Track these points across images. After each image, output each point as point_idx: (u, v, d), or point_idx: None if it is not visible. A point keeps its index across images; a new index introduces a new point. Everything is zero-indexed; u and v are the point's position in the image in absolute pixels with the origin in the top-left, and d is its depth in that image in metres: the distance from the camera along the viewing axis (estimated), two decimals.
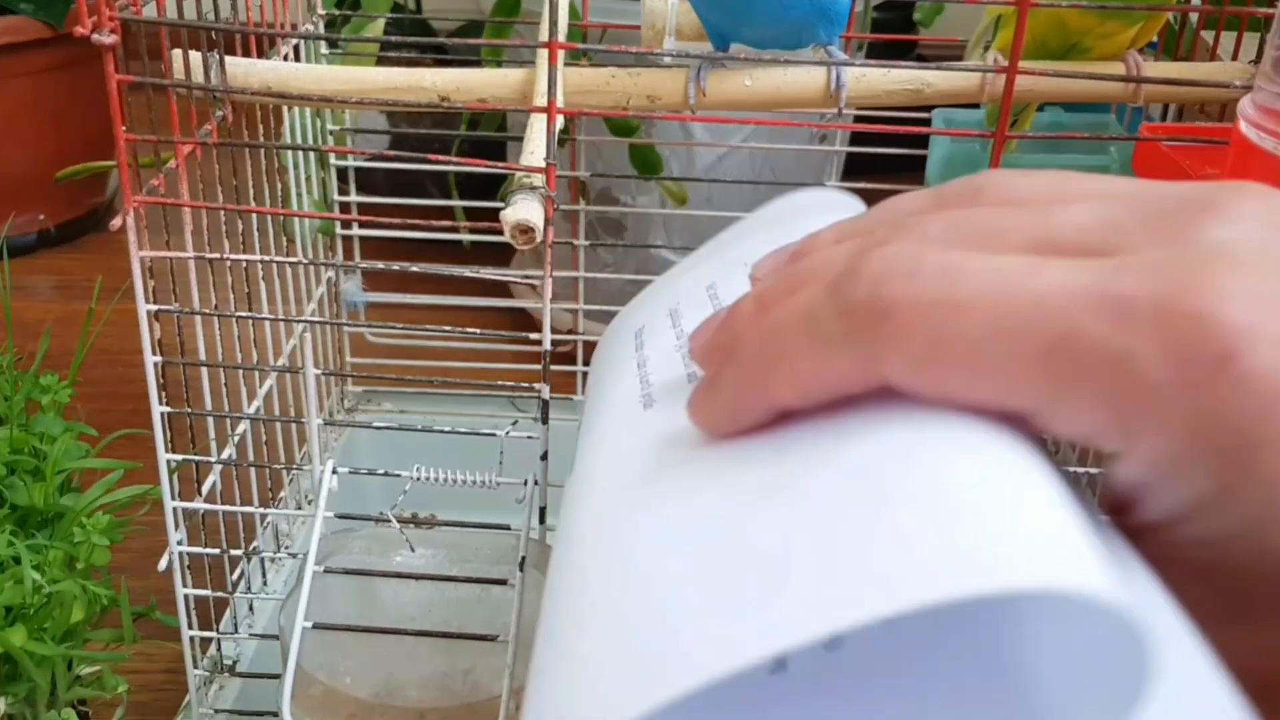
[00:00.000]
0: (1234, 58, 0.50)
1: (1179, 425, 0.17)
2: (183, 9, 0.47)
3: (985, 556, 0.15)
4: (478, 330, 0.49)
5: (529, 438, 0.47)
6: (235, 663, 0.58)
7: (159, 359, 0.47)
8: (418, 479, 0.46)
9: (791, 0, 0.45)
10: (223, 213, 0.51)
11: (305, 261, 0.68)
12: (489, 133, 0.90)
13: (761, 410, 0.20)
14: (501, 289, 0.97)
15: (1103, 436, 0.18)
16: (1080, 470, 0.53)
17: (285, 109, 0.64)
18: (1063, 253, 0.18)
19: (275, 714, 0.49)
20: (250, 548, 0.58)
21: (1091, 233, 0.19)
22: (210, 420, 0.52)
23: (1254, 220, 0.18)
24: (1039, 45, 0.49)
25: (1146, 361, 0.17)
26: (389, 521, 0.47)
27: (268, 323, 0.60)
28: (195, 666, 0.54)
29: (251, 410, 0.58)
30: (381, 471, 0.47)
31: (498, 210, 0.40)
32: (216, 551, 0.54)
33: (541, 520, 0.48)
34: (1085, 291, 0.17)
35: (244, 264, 0.53)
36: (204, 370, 0.51)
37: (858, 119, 0.59)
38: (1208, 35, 0.56)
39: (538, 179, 0.41)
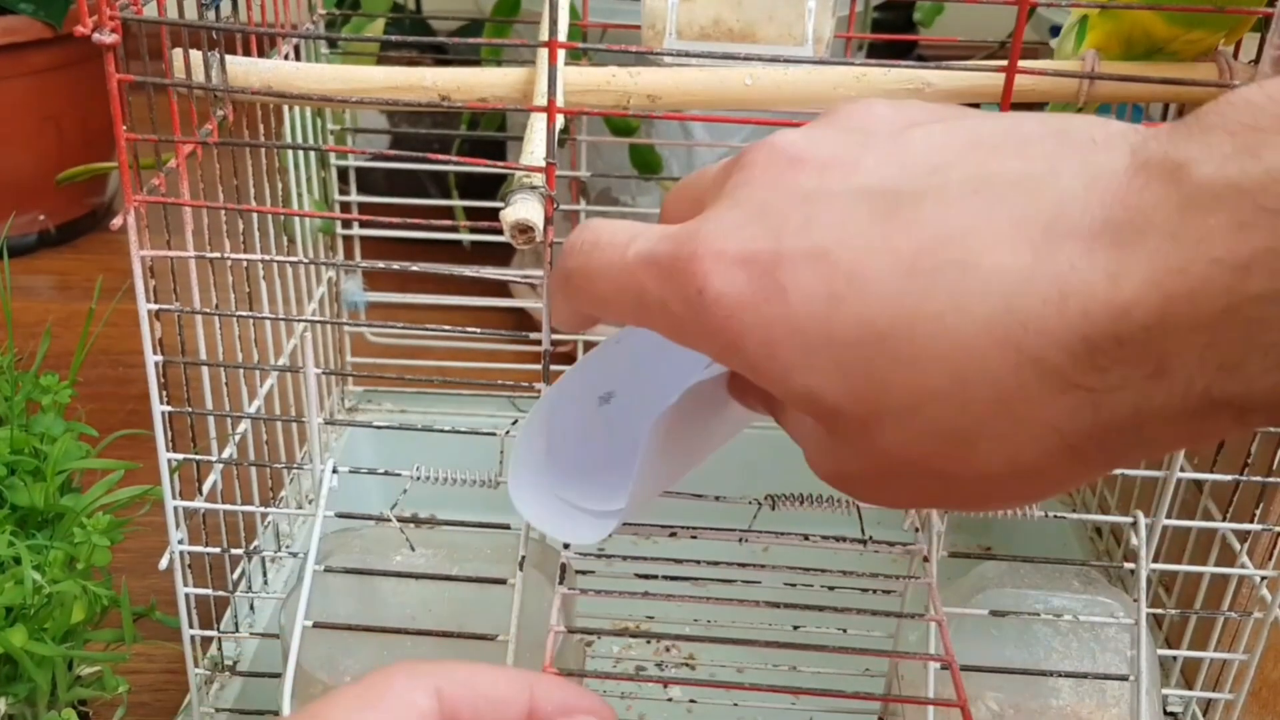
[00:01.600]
0: (1234, 58, 0.50)
1: (704, 339, 0.26)
2: (183, 8, 0.47)
3: None
4: (478, 330, 0.49)
5: None
6: (236, 662, 0.58)
7: (160, 358, 0.47)
8: (418, 479, 0.46)
9: None
10: (223, 212, 0.51)
11: (306, 261, 0.68)
12: (489, 132, 0.90)
13: (567, 327, 0.34)
14: (501, 289, 0.97)
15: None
16: None
17: (286, 109, 0.64)
18: (699, 204, 0.28)
19: (276, 713, 0.49)
20: (251, 547, 0.58)
21: (709, 190, 0.28)
22: (211, 420, 0.52)
23: (759, 166, 0.27)
24: (1125, 47, 0.49)
25: (672, 303, 0.26)
26: (389, 521, 0.47)
27: (268, 322, 0.60)
28: (196, 666, 0.54)
29: (252, 410, 0.58)
30: (381, 471, 0.47)
31: (498, 210, 0.40)
32: (217, 551, 0.54)
33: None
34: (646, 258, 0.27)
35: (244, 263, 0.53)
36: (205, 370, 0.51)
37: None
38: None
39: (538, 178, 0.41)
